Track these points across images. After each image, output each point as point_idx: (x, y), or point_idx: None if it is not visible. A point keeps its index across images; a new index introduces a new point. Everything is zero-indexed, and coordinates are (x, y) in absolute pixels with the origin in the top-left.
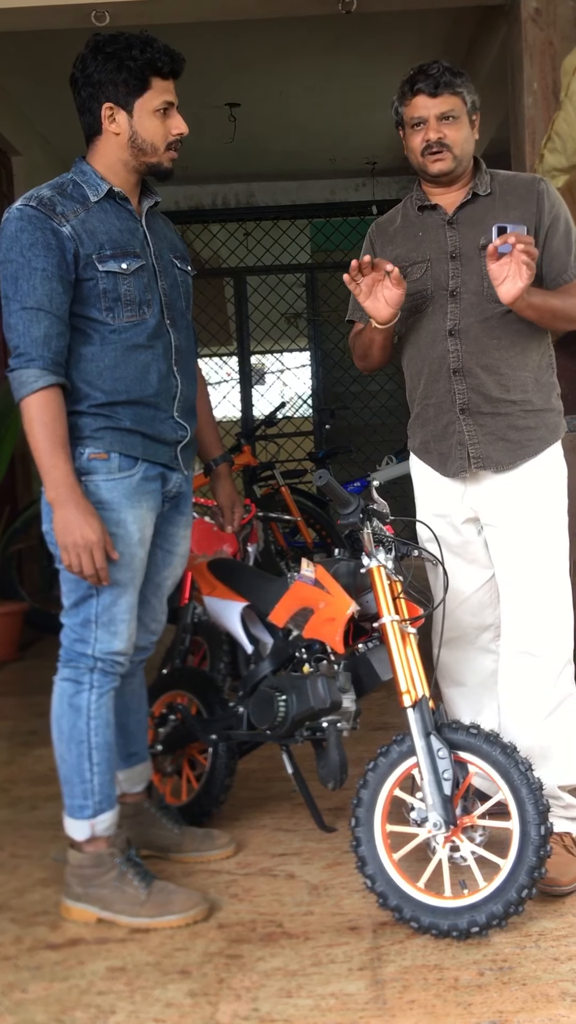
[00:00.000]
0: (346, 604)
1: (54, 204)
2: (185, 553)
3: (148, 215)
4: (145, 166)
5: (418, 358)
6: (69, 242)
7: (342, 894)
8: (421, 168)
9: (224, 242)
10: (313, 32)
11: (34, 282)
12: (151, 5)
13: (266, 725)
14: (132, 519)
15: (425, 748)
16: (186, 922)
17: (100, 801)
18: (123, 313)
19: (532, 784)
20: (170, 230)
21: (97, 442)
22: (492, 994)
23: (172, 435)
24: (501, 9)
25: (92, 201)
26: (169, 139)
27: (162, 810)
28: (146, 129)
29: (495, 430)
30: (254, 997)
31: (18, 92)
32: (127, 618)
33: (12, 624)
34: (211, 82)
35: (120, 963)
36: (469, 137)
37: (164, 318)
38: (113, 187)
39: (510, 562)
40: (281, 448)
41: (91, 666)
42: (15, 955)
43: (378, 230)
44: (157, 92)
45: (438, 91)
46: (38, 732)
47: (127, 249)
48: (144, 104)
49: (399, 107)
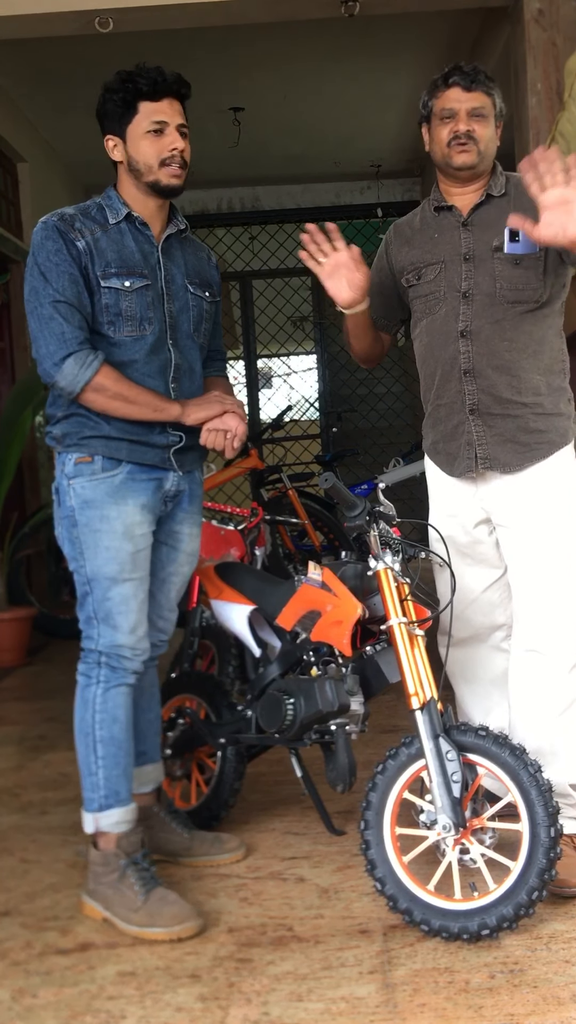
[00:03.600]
0: (354, 607)
1: (74, 221)
2: (192, 551)
3: (171, 242)
4: (146, 187)
5: (431, 359)
6: (83, 256)
7: (352, 897)
8: (445, 160)
9: (230, 246)
10: (316, 35)
11: (64, 282)
12: (154, 11)
13: (274, 728)
14: (116, 514)
15: (434, 750)
16: (169, 937)
17: (106, 796)
18: (124, 327)
19: (541, 786)
20: (199, 260)
21: (83, 448)
22: (503, 997)
23: (162, 440)
24: (504, 10)
25: (111, 223)
26: (163, 156)
27: (172, 814)
28: (139, 151)
29: (504, 432)
30: (264, 1001)
31: (23, 99)
32: (124, 610)
33: (21, 629)
34: (215, 87)
35: (130, 967)
36: (494, 138)
37: (167, 337)
38: (132, 212)
39: (520, 562)
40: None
41: (98, 660)
42: (25, 960)
43: (396, 232)
44: (145, 115)
45: (473, 87)
46: (47, 737)
47: (133, 269)
48: (134, 129)
49: (428, 101)
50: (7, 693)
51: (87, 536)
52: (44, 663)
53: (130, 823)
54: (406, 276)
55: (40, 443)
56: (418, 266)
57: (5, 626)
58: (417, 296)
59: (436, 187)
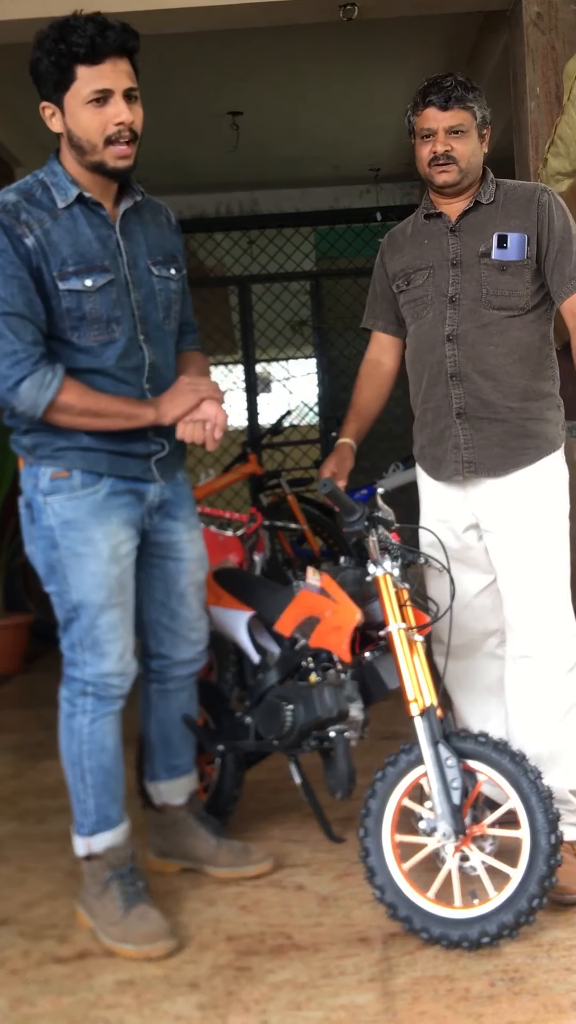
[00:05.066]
0: (352, 612)
1: (19, 211)
2: (198, 557)
3: (127, 218)
4: (90, 165)
5: (418, 363)
6: (34, 255)
7: (351, 905)
8: (428, 178)
9: (228, 251)
10: (315, 39)
11: (12, 289)
12: (153, 15)
13: (273, 735)
14: (101, 536)
15: (433, 757)
16: (139, 956)
17: (97, 822)
18: (89, 332)
19: (542, 792)
20: (156, 226)
21: (58, 461)
22: (503, 1005)
23: (144, 450)
24: (503, 14)
25: (60, 207)
26: (108, 132)
27: (201, 820)
28: (79, 125)
29: (491, 436)
30: (263, 1010)
31: (19, 103)
32: (113, 638)
33: (18, 636)
34: (213, 90)
35: (128, 976)
36: (477, 151)
37: (137, 334)
38: (84, 192)
39: (509, 568)
40: (287, 456)
41: (83, 690)
42: (23, 969)
43: (389, 241)
44: (84, 81)
45: (448, 105)
46: (44, 744)
47: (93, 263)
48: (72, 98)
49: (411, 116)
50: (5, 700)
51: (70, 560)
52: (42, 670)
53: (121, 842)
54: (396, 282)
55: None
56: (408, 272)
57: (2, 633)
58: (407, 301)
59: (427, 195)
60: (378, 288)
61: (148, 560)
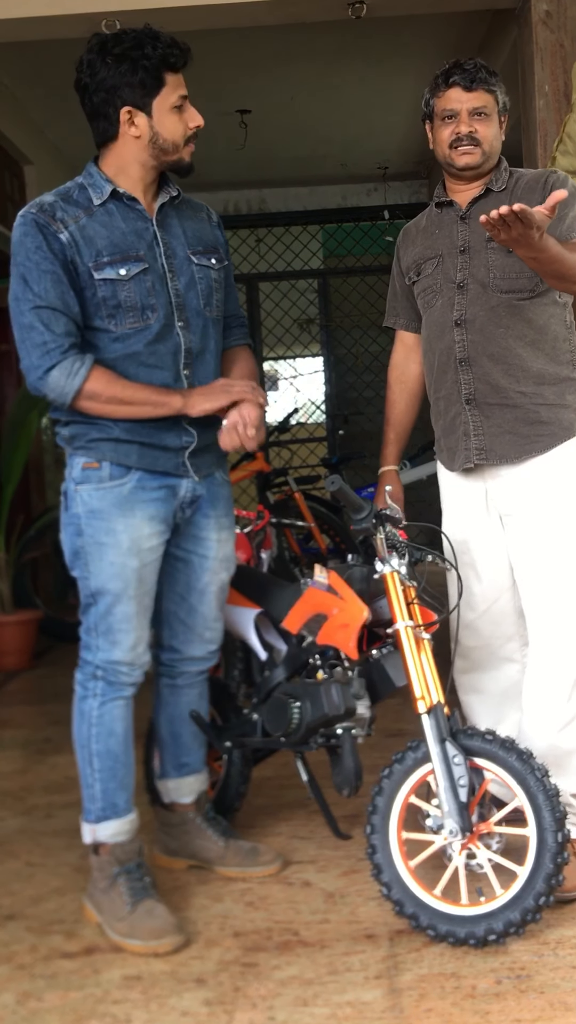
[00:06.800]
0: (360, 610)
1: (55, 210)
2: (226, 557)
3: (165, 211)
4: (167, 164)
5: (430, 351)
6: (68, 249)
7: (358, 902)
8: (447, 161)
9: (236, 248)
10: (323, 37)
11: (46, 284)
12: (161, 13)
13: (280, 732)
14: (123, 528)
15: (440, 754)
16: (146, 951)
17: (103, 808)
18: (125, 319)
19: (549, 790)
20: (198, 222)
21: (90, 452)
22: (510, 1003)
23: (175, 442)
24: (511, 12)
25: (96, 204)
26: (188, 134)
27: (209, 821)
28: (166, 128)
29: (503, 422)
30: (270, 1006)
31: (29, 101)
32: (126, 628)
33: (26, 632)
34: (221, 88)
35: (135, 972)
36: (498, 135)
37: (175, 320)
38: (118, 188)
39: (526, 556)
40: (295, 454)
41: (94, 673)
42: (30, 964)
43: (404, 235)
44: (172, 88)
45: (473, 86)
46: (53, 740)
47: (128, 253)
48: (162, 102)
49: (430, 99)
50: (13, 696)
51: (92, 548)
52: (50, 666)
53: (127, 833)
54: (409, 274)
55: (47, 446)
56: (419, 262)
57: (11, 629)
58: (419, 292)
59: (441, 183)
60: (397, 284)
61: (175, 552)
